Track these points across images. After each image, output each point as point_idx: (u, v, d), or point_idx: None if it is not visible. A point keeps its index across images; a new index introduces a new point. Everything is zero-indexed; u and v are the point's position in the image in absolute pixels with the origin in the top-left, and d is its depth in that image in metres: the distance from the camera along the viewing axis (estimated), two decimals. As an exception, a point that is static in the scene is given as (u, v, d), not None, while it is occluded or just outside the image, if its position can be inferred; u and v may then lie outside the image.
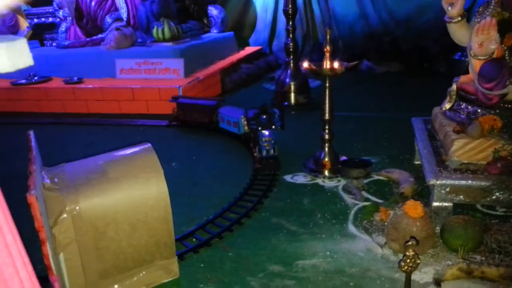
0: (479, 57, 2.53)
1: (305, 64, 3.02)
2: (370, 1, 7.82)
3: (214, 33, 7.57)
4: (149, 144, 2.05)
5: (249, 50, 8.00)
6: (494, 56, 2.52)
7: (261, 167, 3.29)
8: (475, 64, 2.60)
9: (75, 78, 5.70)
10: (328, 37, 3.00)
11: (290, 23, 5.22)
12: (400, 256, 2.22)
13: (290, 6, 5.12)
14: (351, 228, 2.52)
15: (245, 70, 6.90)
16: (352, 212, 2.69)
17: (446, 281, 2.00)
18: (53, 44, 6.78)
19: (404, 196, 2.76)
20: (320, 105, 3.16)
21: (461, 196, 2.37)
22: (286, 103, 5.31)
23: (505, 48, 2.51)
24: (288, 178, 3.21)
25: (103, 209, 1.77)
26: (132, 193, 1.82)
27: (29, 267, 1.10)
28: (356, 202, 2.80)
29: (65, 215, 1.68)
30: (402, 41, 7.37)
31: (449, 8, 2.67)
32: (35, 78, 5.81)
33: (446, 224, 2.29)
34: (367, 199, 2.83)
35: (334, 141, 3.28)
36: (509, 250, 2.14)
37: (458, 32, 2.72)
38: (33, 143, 1.94)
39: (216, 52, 6.82)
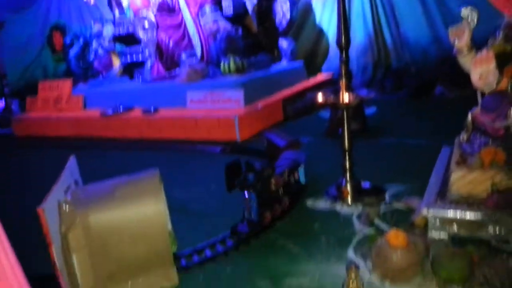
0: (482, 89, 2.55)
1: (320, 98, 3.20)
2: (443, 24, 7.63)
3: (283, 63, 7.96)
4: (157, 171, 2.45)
5: (320, 77, 8.24)
6: (500, 88, 2.52)
7: (231, 232, 2.88)
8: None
9: (152, 108, 6.46)
10: (343, 70, 3.16)
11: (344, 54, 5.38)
12: (385, 282, 2.31)
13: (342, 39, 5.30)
14: (350, 253, 2.64)
15: (310, 97, 7.14)
16: (357, 238, 2.80)
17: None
18: (140, 79, 7.71)
19: (415, 226, 2.79)
20: (376, 131, 3.23)
21: (455, 228, 2.38)
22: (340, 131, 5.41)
23: (510, 80, 2.50)
24: (309, 203, 3.39)
25: (108, 222, 2.19)
26: (132, 211, 2.22)
27: (12, 258, 1.50)
28: (364, 229, 2.90)
29: (76, 225, 2.13)
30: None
31: (456, 42, 2.71)
32: (121, 108, 6.68)
33: (435, 255, 2.32)
34: (378, 227, 2.91)
35: (367, 167, 3.47)
36: (496, 285, 2.12)
37: (467, 64, 2.74)
38: (69, 165, 2.44)
39: (281, 81, 7.18)
